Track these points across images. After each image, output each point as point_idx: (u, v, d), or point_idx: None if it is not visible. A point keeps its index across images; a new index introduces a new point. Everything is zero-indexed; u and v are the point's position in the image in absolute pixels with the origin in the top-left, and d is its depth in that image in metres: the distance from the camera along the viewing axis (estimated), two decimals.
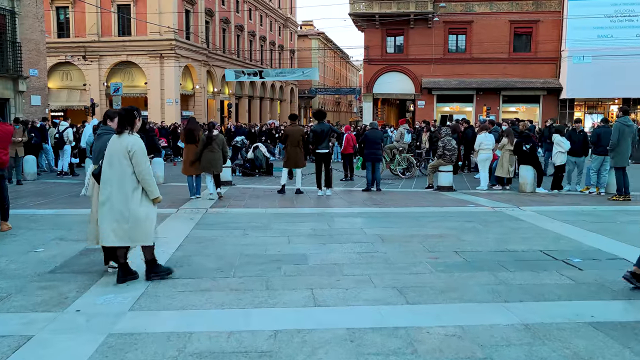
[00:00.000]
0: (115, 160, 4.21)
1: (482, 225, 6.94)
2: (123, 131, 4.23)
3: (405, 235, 6.24)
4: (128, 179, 4.21)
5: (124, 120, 4.27)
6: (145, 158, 4.26)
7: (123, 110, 4.38)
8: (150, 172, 4.34)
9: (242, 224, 6.91)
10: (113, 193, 4.21)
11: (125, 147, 4.18)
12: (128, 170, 4.19)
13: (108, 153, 4.27)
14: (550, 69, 32.71)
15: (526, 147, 10.98)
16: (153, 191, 4.32)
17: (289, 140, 10.24)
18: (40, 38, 23.34)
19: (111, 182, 4.22)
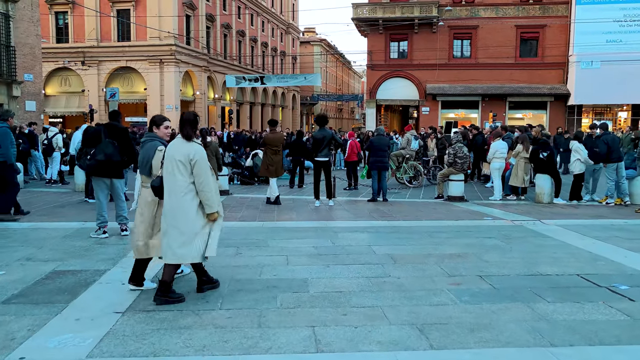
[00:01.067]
0: (173, 168, 3.86)
1: (504, 243, 6.19)
2: (192, 137, 3.92)
3: (420, 255, 5.50)
4: (184, 190, 3.84)
5: (192, 125, 3.95)
6: (207, 169, 3.92)
7: (190, 114, 4.03)
8: (211, 185, 3.93)
9: (236, 240, 6.18)
10: (170, 203, 3.89)
11: (187, 155, 3.84)
12: (188, 180, 3.85)
13: (166, 161, 3.91)
14: (557, 74, 32.04)
15: (543, 154, 10.25)
16: (211, 205, 3.92)
17: (267, 148, 9.55)
18: (36, 42, 22.80)
19: (170, 192, 3.89)
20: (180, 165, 3.84)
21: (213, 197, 3.93)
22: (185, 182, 3.85)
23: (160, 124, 4.49)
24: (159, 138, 4.39)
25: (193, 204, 3.87)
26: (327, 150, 9.45)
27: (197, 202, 3.89)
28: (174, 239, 3.87)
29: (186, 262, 4.03)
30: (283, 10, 53.51)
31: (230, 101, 42.10)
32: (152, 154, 4.22)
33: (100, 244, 5.97)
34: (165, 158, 3.94)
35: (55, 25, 34.75)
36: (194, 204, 3.87)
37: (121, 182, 6.53)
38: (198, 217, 3.90)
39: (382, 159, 10.38)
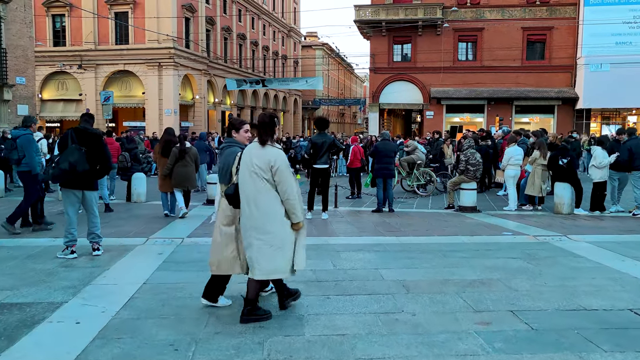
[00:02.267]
0: (252, 175, 3.56)
1: (531, 264, 5.37)
2: (267, 141, 3.60)
3: (436, 282, 4.68)
4: (266, 198, 3.55)
5: (268, 128, 3.64)
6: (290, 175, 3.63)
7: (265, 116, 3.71)
8: (295, 193, 3.60)
9: None
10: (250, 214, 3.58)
11: (267, 162, 3.54)
12: (269, 187, 3.55)
13: (243, 167, 3.62)
14: (565, 77, 31.24)
15: (563, 161, 9.44)
16: (297, 215, 3.62)
17: None
18: (29, 44, 22.14)
19: (248, 202, 3.59)
20: (260, 173, 3.54)
21: (298, 205, 3.62)
22: (269, 191, 3.55)
23: (239, 127, 4.13)
24: (238, 143, 4.05)
25: (279, 213, 3.57)
26: (327, 157, 8.65)
27: (283, 212, 3.58)
28: (261, 253, 3.57)
29: (275, 277, 3.69)
30: (285, 14, 52.91)
31: (231, 105, 41.41)
32: (232, 161, 3.87)
33: (66, 266, 5.17)
34: (242, 165, 3.64)
35: (52, 29, 34.17)
36: (280, 213, 3.57)
37: (94, 194, 5.73)
38: (285, 227, 3.60)
39: (388, 165, 9.58)
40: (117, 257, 5.54)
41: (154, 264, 5.27)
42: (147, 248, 6.07)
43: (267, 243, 3.55)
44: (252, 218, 3.57)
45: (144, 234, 6.91)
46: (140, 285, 4.52)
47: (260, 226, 3.56)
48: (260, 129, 3.64)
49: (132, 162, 10.80)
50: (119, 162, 10.86)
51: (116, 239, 6.54)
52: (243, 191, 3.61)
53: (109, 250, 5.79)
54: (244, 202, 3.60)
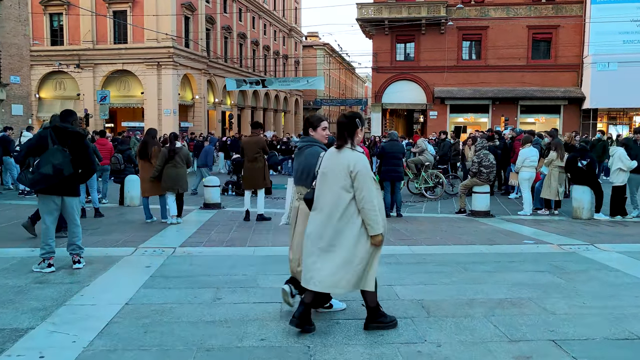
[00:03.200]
0: (330, 181, 3.33)
1: (563, 280, 4.79)
2: (344, 145, 3.35)
3: (460, 302, 4.11)
4: (344, 206, 3.30)
5: (346, 130, 3.36)
6: (371, 181, 3.33)
7: (344, 117, 3.43)
8: (374, 201, 3.30)
9: (218, 276, 4.80)
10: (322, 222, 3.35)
11: (346, 166, 3.29)
12: (346, 196, 3.29)
13: (322, 172, 3.40)
14: (571, 77, 30.68)
15: (582, 163, 8.86)
16: (374, 226, 3.31)
17: (246, 155, 8.21)
18: (24, 43, 21.60)
19: (322, 209, 3.36)
20: (339, 177, 3.29)
21: (377, 215, 3.30)
22: (347, 198, 3.29)
23: (317, 125, 3.83)
24: (318, 142, 3.78)
25: (355, 224, 3.29)
26: None
27: (359, 222, 3.30)
28: (326, 263, 3.30)
29: (335, 291, 3.42)
30: (286, 14, 52.36)
31: (231, 105, 40.85)
32: (314, 162, 3.59)
33: (41, 282, 4.60)
34: (321, 168, 3.42)
35: (49, 27, 33.66)
36: (356, 224, 3.29)
37: (75, 201, 5.16)
38: (359, 239, 3.30)
39: (396, 167, 9.01)
40: (100, 270, 4.97)
41: (140, 279, 4.69)
42: (135, 260, 5.49)
43: (335, 254, 3.29)
44: (323, 226, 3.32)
45: (133, 242, 6.35)
46: (122, 307, 3.94)
47: (331, 235, 3.30)
48: (339, 131, 3.36)
49: (126, 164, 10.24)
50: (111, 164, 10.32)
51: (102, 248, 5.98)
52: (318, 197, 3.39)
53: (92, 263, 5.23)
54: (317, 209, 3.38)
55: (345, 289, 3.37)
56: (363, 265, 3.33)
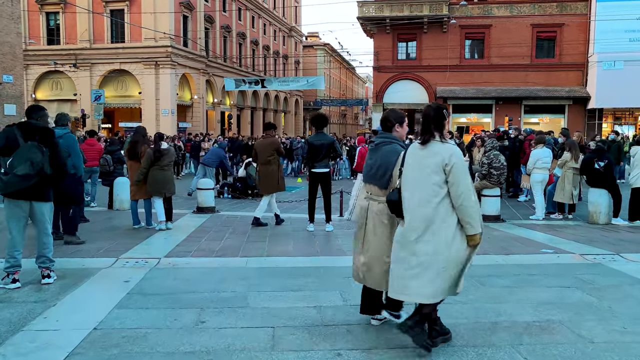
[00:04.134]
0: (419, 179, 3.07)
1: (594, 297, 4.24)
2: (431, 138, 3.07)
3: (480, 326, 3.56)
4: (433, 206, 3.03)
5: (433, 122, 3.08)
6: (467, 176, 3.06)
7: (431, 108, 3.15)
8: (473, 197, 3.03)
9: (203, 293, 4.25)
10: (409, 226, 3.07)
11: (438, 160, 3.03)
12: (439, 193, 3.02)
13: (407, 169, 3.13)
14: (576, 76, 30.12)
15: (599, 164, 8.31)
16: (473, 225, 3.02)
17: (259, 158, 7.71)
18: (17, 41, 21.09)
19: (410, 210, 3.08)
20: (430, 174, 3.02)
21: (476, 213, 3.02)
22: (440, 195, 3.01)
23: (402, 121, 3.58)
24: (398, 140, 3.53)
25: (450, 225, 3.01)
26: (327, 160, 7.50)
27: (454, 223, 3.02)
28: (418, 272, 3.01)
29: (432, 300, 3.08)
30: (286, 14, 51.85)
31: (231, 106, 40.34)
32: (393, 160, 3.35)
33: (1, 301, 4.05)
34: (406, 165, 3.12)
35: (46, 26, 33.18)
36: (451, 224, 3.01)
37: (46, 207, 4.61)
38: (455, 242, 3.02)
39: None
40: (72, 286, 4.43)
41: (114, 297, 4.14)
42: (113, 273, 4.94)
43: (429, 261, 3.00)
44: (413, 230, 3.04)
45: (115, 251, 5.80)
46: (89, 332, 3.40)
47: (424, 240, 3.01)
48: (425, 123, 3.10)
49: (115, 165, 9.70)
50: (100, 166, 9.78)
51: (79, 259, 5.43)
52: (406, 197, 3.10)
53: (65, 276, 4.68)
54: (406, 210, 3.08)
55: (441, 296, 3.07)
56: (459, 269, 3.05)
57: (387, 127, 3.56)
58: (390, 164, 3.35)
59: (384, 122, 3.57)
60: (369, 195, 3.49)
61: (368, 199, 3.48)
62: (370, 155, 3.58)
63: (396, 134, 3.53)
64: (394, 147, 3.43)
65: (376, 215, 3.39)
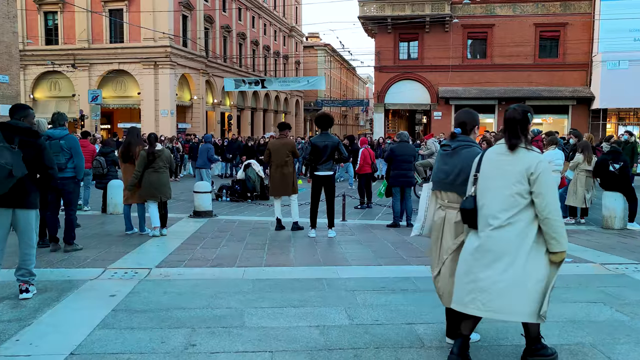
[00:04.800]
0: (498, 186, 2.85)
1: (625, 314, 3.86)
2: (518, 143, 2.84)
3: (503, 350, 3.20)
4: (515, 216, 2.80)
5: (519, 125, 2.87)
6: (555, 187, 2.83)
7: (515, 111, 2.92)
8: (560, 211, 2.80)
9: (195, 310, 3.88)
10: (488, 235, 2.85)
11: (523, 168, 2.79)
12: (520, 203, 2.79)
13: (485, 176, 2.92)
14: (580, 76, 29.75)
15: (614, 166, 7.95)
16: (560, 240, 2.77)
17: (273, 159, 7.33)
18: (12, 40, 20.76)
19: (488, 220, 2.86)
20: (512, 182, 2.83)
21: (562, 227, 2.80)
22: (520, 205, 2.81)
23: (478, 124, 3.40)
24: (476, 143, 3.33)
25: (530, 236, 2.79)
26: (331, 162, 7.15)
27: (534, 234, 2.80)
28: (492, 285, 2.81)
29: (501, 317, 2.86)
30: (286, 14, 51.51)
31: (231, 106, 39.99)
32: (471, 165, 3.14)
33: None
34: (482, 172, 2.94)
35: (44, 26, 32.86)
36: (531, 236, 2.80)
37: (31, 214, 4.24)
38: (536, 256, 2.80)
39: (407, 172, 8.09)
40: (52, 301, 4.06)
41: (98, 314, 3.77)
42: (99, 285, 4.57)
43: (505, 273, 2.78)
44: (490, 240, 2.83)
45: (104, 261, 5.43)
46: (64, 359, 3.02)
47: (500, 251, 2.80)
48: (511, 128, 2.88)
49: (109, 168, 9.34)
50: (93, 168, 9.41)
51: (64, 269, 5.06)
52: (483, 206, 2.90)
53: (46, 290, 4.32)
54: (483, 220, 2.88)
55: (515, 316, 2.81)
56: (539, 289, 2.78)
57: (465, 130, 3.34)
58: (469, 168, 3.15)
59: (462, 124, 3.33)
60: (445, 203, 3.25)
61: (444, 208, 3.25)
62: (444, 160, 3.32)
63: (473, 136, 3.35)
64: (475, 151, 3.22)
65: (456, 225, 3.16)
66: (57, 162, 5.90)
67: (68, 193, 5.96)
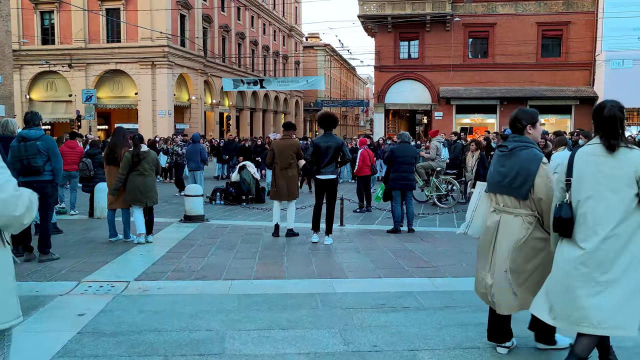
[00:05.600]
0: (601, 191, 2.60)
1: None
2: (620, 144, 2.60)
3: None
4: (625, 221, 2.56)
5: (619, 123, 2.63)
6: None
7: (613, 108, 2.64)
8: None
9: (171, 333, 3.45)
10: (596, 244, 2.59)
11: (630, 170, 2.56)
12: (629, 207, 2.56)
13: (581, 180, 2.66)
14: (583, 75, 29.33)
15: None
16: None
17: (278, 160, 6.92)
18: (5, 39, 20.36)
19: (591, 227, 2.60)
20: (619, 185, 2.59)
21: None
22: (630, 209, 2.60)
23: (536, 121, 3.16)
24: (534, 144, 3.14)
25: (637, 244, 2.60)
26: (334, 165, 6.74)
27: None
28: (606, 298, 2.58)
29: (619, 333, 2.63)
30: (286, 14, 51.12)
31: (229, 107, 39.61)
32: (534, 168, 3.00)
33: None
34: (579, 176, 2.70)
35: (40, 26, 32.49)
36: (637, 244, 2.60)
37: None
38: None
39: (408, 174, 7.66)
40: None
41: (61, 338, 3.35)
42: (69, 302, 4.14)
43: (618, 284, 2.58)
44: (600, 251, 2.61)
45: (80, 272, 5.01)
46: None
47: (611, 262, 2.59)
48: (611, 126, 2.64)
49: (96, 170, 8.92)
50: (79, 170, 9.00)
51: (34, 283, 4.64)
52: (586, 214, 2.67)
53: None
54: (586, 229, 2.64)
55: (633, 330, 2.59)
56: None
57: (517, 129, 3.15)
58: (531, 172, 2.99)
59: (514, 122, 3.16)
60: (500, 207, 3.10)
61: (499, 212, 3.09)
62: (500, 161, 3.16)
63: (529, 136, 3.12)
64: (533, 152, 3.04)
65: (510, 229, 3.01)
66: (34, 165, 5.51)
67: (45, 197, 5.55)
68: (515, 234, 2.99)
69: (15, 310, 2.10)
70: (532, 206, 3.00)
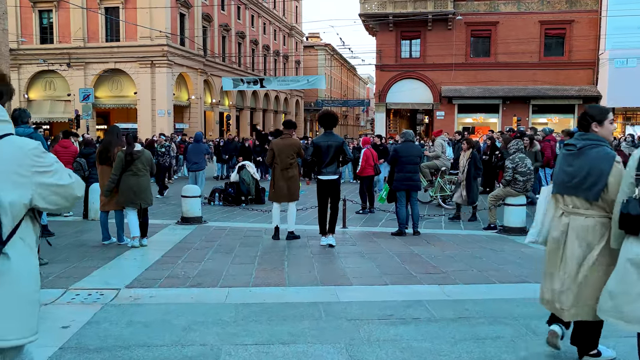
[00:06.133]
0: None
1: None
2: None
3: None
4: None
5: None
6: None
7: None
8: None
9: (162, 348, 3.17)
10: None
11: None
12: None
13: None
14: (586, 74, 29.05)
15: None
16: None
17: (277, 161, 6.64)
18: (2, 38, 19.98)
19: None
20: None
21: None
22: None
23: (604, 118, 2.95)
24: (605, 142, 2.93)
25: None
26: (336, 164, 6.47)
27: None
28: None
29: None
30: (286, 13, 50.83)
31: (229, 106, 39.32)
32: (607, 167, 2.81)
33: None
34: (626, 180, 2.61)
35: (39, 25, 32.20)
36: None
37: None
38: None
39: (412, 175, 7.37)
40: None
41: (42, 354, 3.05)
42: (53, 312, 3.85)
43: None
44: None
45: (69, 278, 4.72)
46: None
47: None
48: None
49: (90, 170, 8.64)
50: (74, 170, 8.71)
51: None
52: None
53: None
54: None
55: None
56: None
57: (584, 126, 2.98)
58: (603, 172, 2.80)
59: (582, 119, 2.99)
60: (569, 209, 2.93)
61: (567, 214, 2.93)
62: (568, 160, 2.99)
63: (599, 133, 2.93)
64: (605, 150, 2.86)
65: (582, 232, 2.85)
66: None
67: None
68: (587, 236, 2.82)
69: (34, 325, 1.84)
70: (605, 207, 2.80)
